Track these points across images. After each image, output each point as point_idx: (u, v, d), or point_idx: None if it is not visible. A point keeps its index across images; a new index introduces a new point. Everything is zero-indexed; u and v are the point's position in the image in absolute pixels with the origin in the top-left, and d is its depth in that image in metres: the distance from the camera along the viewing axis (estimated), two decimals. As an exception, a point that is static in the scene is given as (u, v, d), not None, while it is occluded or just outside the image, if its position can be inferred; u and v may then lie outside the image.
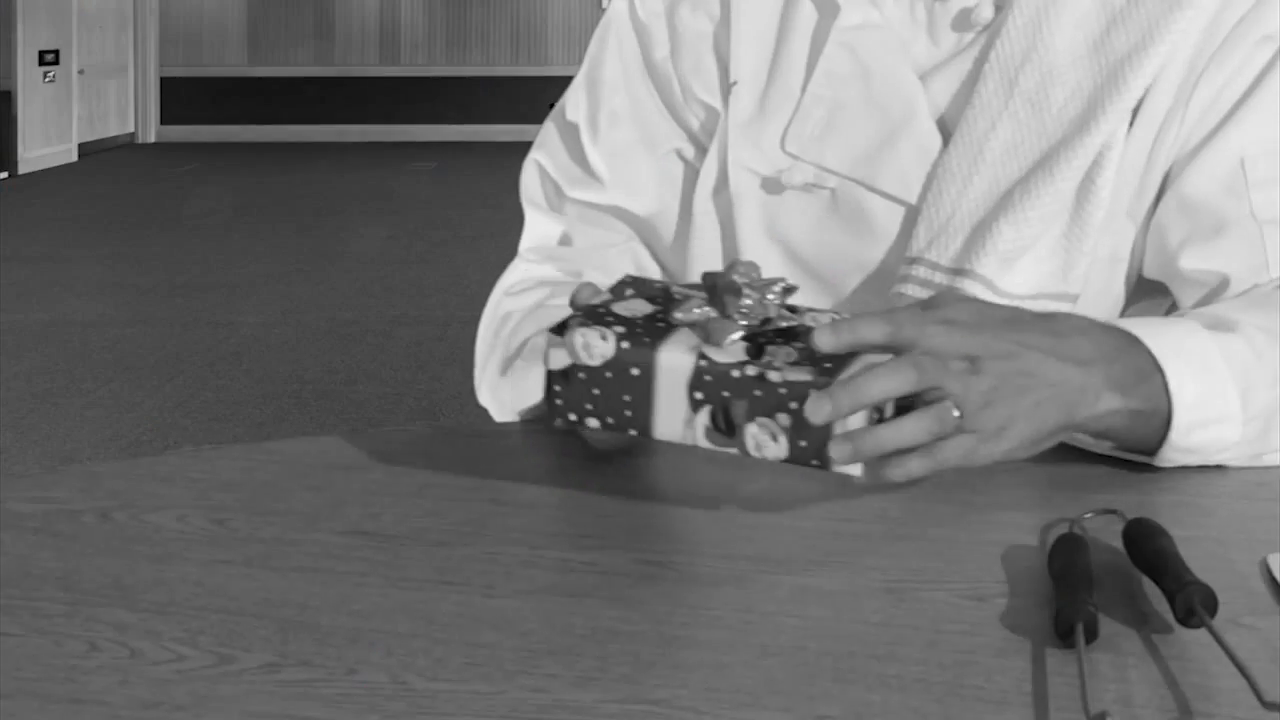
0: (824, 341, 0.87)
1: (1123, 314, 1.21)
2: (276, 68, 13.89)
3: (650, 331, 0.82)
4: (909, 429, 0.87)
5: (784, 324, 0.86)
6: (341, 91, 13.74)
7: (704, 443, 0.81)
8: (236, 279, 7.00)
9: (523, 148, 1.52)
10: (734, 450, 0.81)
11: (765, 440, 0.81)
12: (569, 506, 0.99)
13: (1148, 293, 1.21)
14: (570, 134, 1.33)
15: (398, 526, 0.94)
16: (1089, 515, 0.92)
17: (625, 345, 0.81)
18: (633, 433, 0.81)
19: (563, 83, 1.49)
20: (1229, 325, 1.01)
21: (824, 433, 0.81)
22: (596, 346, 0.81)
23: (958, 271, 1.16)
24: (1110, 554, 0.86)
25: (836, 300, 1.24)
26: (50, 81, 12.07)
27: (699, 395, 0.81)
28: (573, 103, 1.34)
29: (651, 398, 0.81)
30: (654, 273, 1.33)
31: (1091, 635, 0.75)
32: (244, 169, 11.57)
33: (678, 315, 0.84)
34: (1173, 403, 0.97)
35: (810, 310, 0.89)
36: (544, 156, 1.35)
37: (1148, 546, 0.83)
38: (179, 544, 0.92)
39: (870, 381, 0.86)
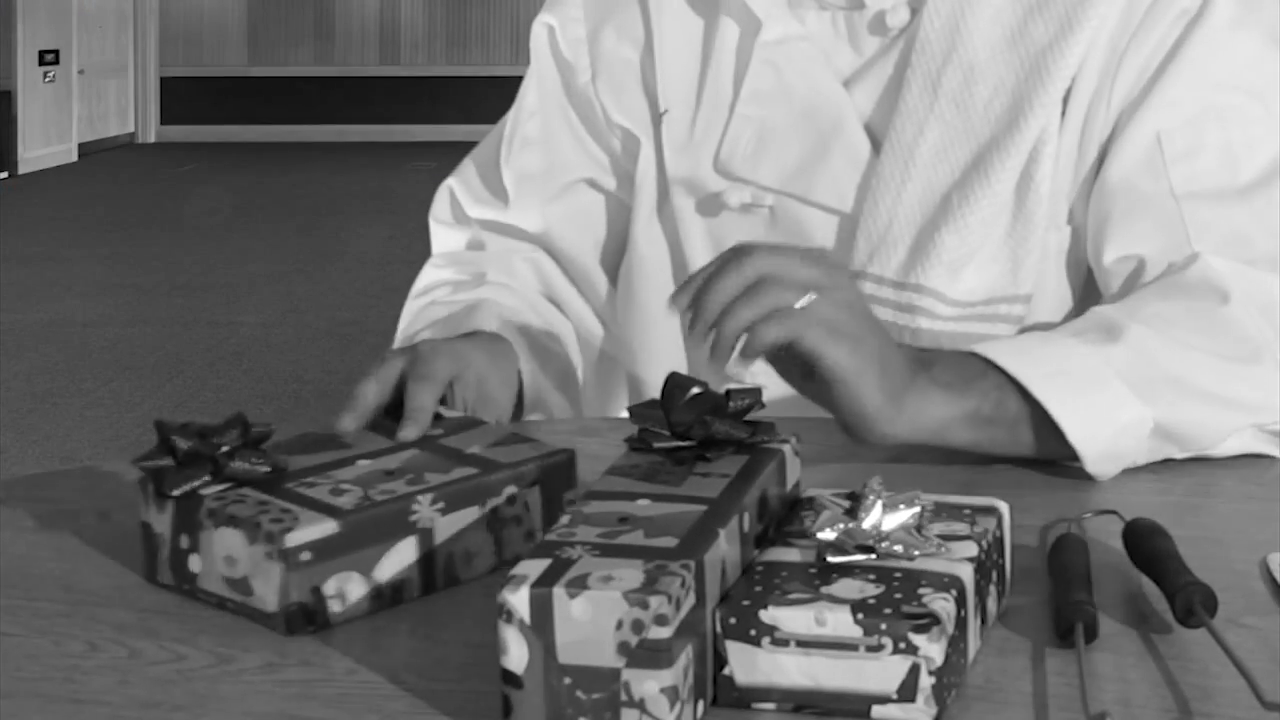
0: (679, 302, 0.92)
1: (1078, 309, 1.18)
2: (276, 68, 13.88)
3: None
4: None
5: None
6: (341, 91, 13.73)
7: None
8: (236, 279, 6.99)
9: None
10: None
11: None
12: (569, 506, 0.98)
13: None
14: (488, 157, 1.36)
15: (398, 526, 0.94)
16: (1089, 515, 0.92)
17: (860, 616, 0.69)
18: None
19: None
20: (1115, 334, 1.01)
21: None
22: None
23: (904, 285, 1.15)
24: (1110, 554, 0.86)
25: None
26: (50, 81, 12.07)
27: None
28: (499, 129, 1.37)
29: None
30: (559, 285, 1.32)
31: (1091, 635, 0.75)
32: (244, 169, 11.56)
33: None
34: (1064, 429, 0.97)
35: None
36: (455, 181, 1.37)
37: (1147, 546, 0.83)
38: (179, 544, 0.92)
39: (736, 311, 0.90)
